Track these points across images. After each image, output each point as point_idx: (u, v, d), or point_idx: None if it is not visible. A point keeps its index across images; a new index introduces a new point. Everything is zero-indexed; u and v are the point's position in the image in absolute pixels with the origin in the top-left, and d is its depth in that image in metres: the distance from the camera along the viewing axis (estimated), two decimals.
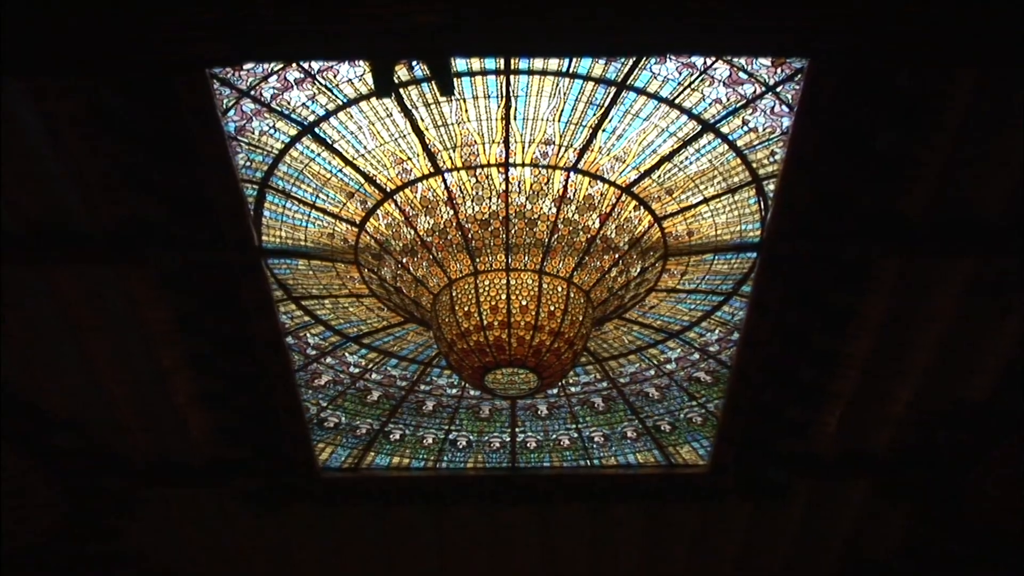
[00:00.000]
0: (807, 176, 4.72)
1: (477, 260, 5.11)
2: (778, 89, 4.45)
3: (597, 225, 5.08)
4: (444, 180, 4.87)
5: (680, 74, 4.43)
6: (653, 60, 4.39)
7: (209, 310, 5.70)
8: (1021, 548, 6.62)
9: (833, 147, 4.54)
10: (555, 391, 7.97)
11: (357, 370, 7.39)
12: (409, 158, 4.81)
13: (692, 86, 4.46)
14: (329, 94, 4.49)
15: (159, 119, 4.33)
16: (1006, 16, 2.41)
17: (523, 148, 4.74)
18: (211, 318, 5.76)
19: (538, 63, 4.44)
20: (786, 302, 5.73)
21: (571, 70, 4.46)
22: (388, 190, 5.00)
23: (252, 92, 4.44)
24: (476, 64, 4.44)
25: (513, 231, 4.99)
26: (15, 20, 2.37)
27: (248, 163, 4.80)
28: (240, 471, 7.28)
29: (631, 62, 4.41)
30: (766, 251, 5.35)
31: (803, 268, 5.42)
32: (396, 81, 4.36)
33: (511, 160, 4.77)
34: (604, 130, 4.69)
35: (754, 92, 4.47)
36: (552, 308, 5.10)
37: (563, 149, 4.75)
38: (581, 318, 5.31)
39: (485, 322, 5.02)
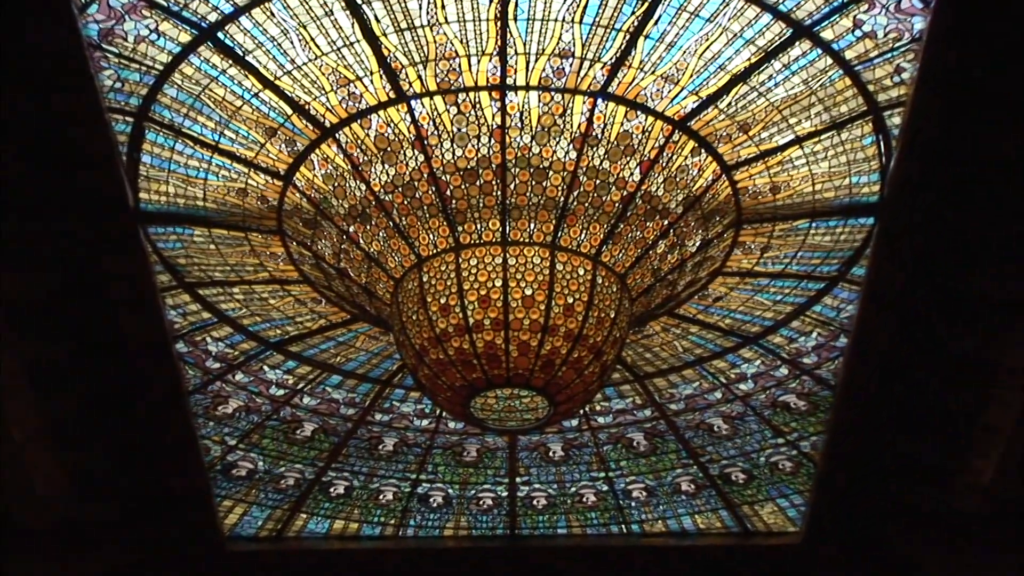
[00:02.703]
0: (948, 103, 4.81)
1: (459, 229, 5.23)
2: None
3: (637, 177, 5.19)
4: (410, 110, 4.97)
5: None
6: None
7: (61, 301, 5.82)
8: None
9: (985, 60, 4.62)
10: (574, 423, 8.17)
11: (281, 392, 7.54)
12: (358, 78, 4.89)
13: None
14: None
15: None
16: None
17: (527, 63, 4.83)
18: (64, 313, 5.88)
19: None
20: (917, 291, 5.85)
21: None
22: (328, 125, 5.10)
23: None
24: None
25: (513, 186, 5.11)
26: None
27: (119, 84, 4.88)
28: (109, 538, 7.46)
29: None
30: (889, 215, 5.47)
31: (942, 241, 5.54)
32: None
33: (509, 81, 4.86)
34: (647, 36, 4.78)
35: None
36: (570, 300, 5.23)
37: (587, 65, 4.84)
38: (613, 315, 5.45)
39: (471, 320, 5.16)
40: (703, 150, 5.25)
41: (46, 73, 4.65)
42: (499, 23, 4.68)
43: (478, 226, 5.20)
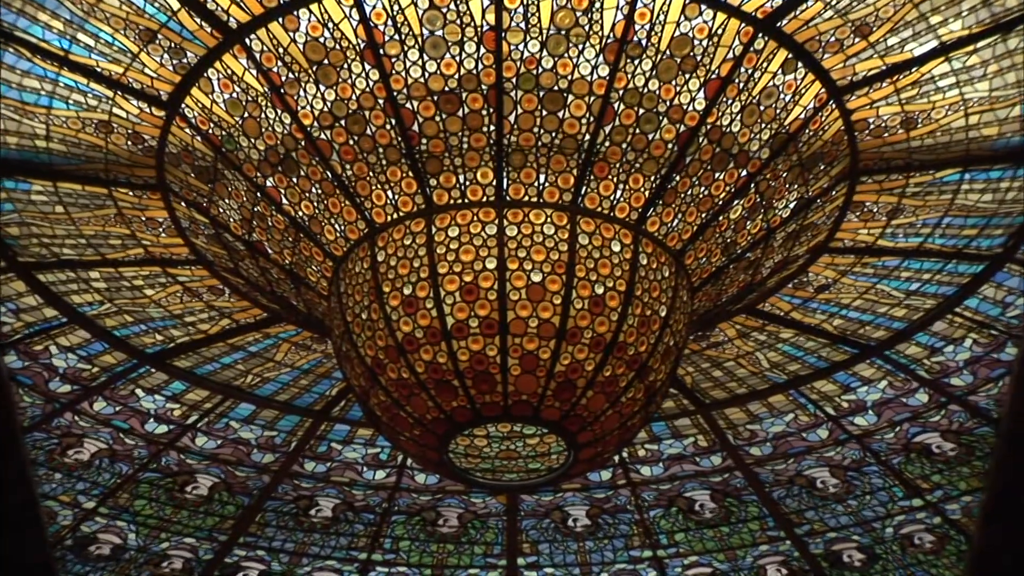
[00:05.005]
0: None
1: (433, 184, 5.27)
2: None
3: (702, 104, 5.21)
4: (358, 2, 4.97)
5: None
6: None
7: None
8: None
9: None
10: (606, 475, 8.27)
11: (164, 429, 7.61)
12: None
13: None
14: None
15: None
16: None
17: None
18: None
19: None
20: None
21: None
22: (233, 25, 5.10)
23: None
24: None
25: (513, 118, 5.13)
26: None
27: None
28: None
29: None
30: None
31: None
32: None
33: None
34: None
35: None
36: (600, 290, 5.26)
37: None
38: (665, 312, 5.49)
39: (450, 322, 5.19)
40: (800, 63, 5.26)
41: None
42: None
43: (461, 178, 5.22)
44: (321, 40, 5.06)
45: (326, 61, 5.10)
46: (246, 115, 5.33)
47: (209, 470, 7.74)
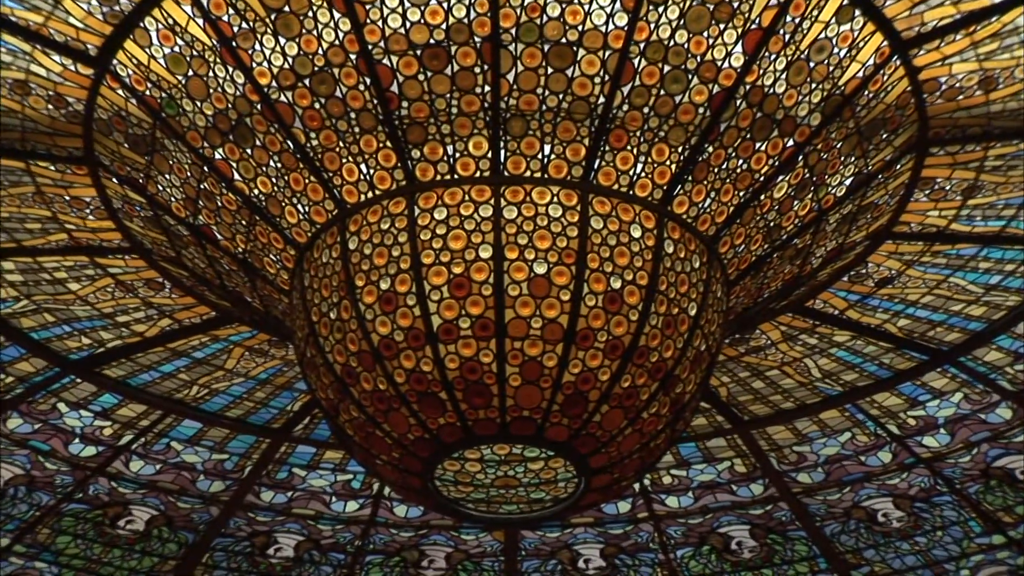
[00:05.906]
0: None
1: (415, 156, 5.26)
2: None
3: (740, 61, 5.20)
4: None
5: None
6: None
7: None
8: None
9: None
10: (625, 506, 8.25)
11: (92, 451, 7.66)
12: None
13: None
14: None
15: None
16: None
17: None
18: None
19: None
20: None
21: None
22: None
23: None
24: None
25: (513, 78, 5.13)
26: None
27: None
28: None
29: None
30: None
31: None
32: None
33: None
34: None
35: None
36: (616, 284, 5.26)
37: None
38: (695, 311, 5.49)
39: (436, 322, 5.19)
40: (858, 11, 5.25)
41: None
42: None
43: (449, 149, 5.21)
44: None
45: (287, 8, 5.09)
46: (190, 73, 5.32)
47: (146, 501, 7.75)
